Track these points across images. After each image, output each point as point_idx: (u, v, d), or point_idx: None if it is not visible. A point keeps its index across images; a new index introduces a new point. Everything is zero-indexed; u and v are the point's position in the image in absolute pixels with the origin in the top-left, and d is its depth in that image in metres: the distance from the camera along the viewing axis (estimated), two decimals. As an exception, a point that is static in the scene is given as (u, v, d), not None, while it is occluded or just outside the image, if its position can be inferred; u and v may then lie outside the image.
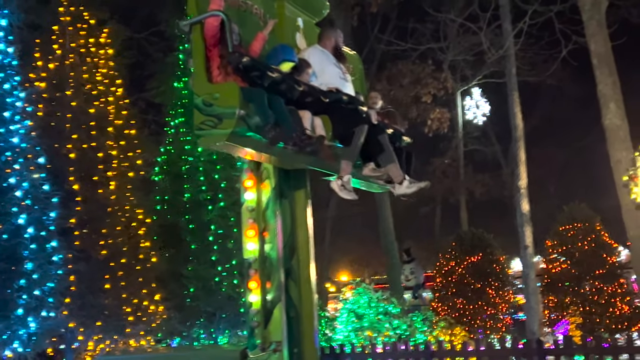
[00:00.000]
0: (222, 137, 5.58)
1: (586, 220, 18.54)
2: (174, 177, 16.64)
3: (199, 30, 5.82)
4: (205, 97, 5.63)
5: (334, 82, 6.60)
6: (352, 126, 6.33)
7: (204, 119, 5.61)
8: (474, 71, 28.54)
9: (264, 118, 5.58)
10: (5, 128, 10.77)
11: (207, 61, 5.80)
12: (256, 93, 5.65)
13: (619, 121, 16.25)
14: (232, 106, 5.50)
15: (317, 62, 6.58)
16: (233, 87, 5.59)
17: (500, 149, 32.55)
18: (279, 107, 5.74)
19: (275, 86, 5.89)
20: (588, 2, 16.61)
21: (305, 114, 6.23)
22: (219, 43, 5.77)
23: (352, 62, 7.89)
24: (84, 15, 14.87)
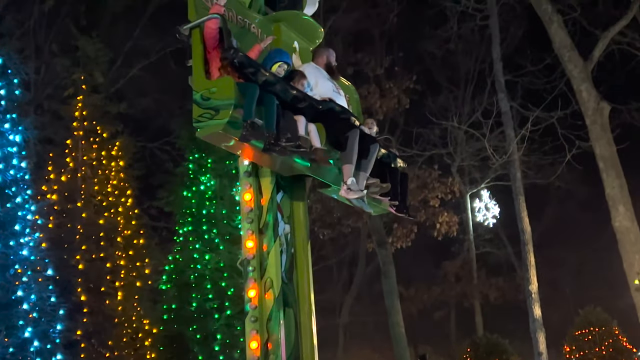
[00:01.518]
0: (219, 127, 5.78)
1: (602, 325, 18.20)
2: (182, 286, 16.57)
3: (198, 34, 6.16)
4: (203, 92, 5.91)
5: (328, 94, 6.85)
6: (346, 132, 6.53)
7: (202, 112, 5.87)
8: (482, 174, 28.82)
9: (246, 113, 5.78)
10: (16, 241, 10.86)
11: (206, 63, 6.12)
12: (250, 87, 5.90)
13: (629, 223, 16.24)
14: (228, 98, 5.76)
15: (312, 76, 6.83)
16: (229, 81, 5.85)
17: (512, 251, 32.32)
18: (269, 105, 5.96)
19: (269, 86, 6.13)
20: (590, 107, 16.96)
21: (300, 119, 6.40)
22: (219, 46, 6.09)
23: (348, 92, 8.02)
24: (96, 129, 15.32)
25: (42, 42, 22.77)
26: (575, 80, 17.22)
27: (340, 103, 6.96)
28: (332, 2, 22.63)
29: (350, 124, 6.73)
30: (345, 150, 6.52)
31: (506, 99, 19.67)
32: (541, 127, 21.12)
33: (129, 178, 15.63)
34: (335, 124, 6.68)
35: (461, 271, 31.12)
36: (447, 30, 24.75)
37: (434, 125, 25.14)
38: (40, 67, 21.93)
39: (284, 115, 6.19)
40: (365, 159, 6.70)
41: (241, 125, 5.83)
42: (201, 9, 6.30)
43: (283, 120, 6.14)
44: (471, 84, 28.78)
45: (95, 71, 16.17)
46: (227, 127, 5.80)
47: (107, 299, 13.80)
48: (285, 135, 6.04)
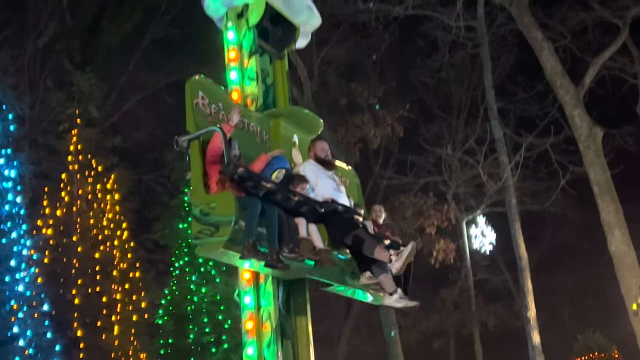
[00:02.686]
0: (219, 245, 5.70)
1: (602, 350, 18.19)
2: (178, 319, 16.44)
3: (197, 146, 6.10)
4: (202, 207, 5.82)
5: (329, 193, 6.75)
6: (350, 232, 6.46)
7: (202, 228, 5.77)
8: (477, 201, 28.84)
9: (247, 232, 5.71)
10: (11, 276, 10.84)
11: (205, 176, 6.04)
12: (251, 202, 5.82)
13: (625, 248, 16.22)
14: (228, 214, 5.66)
15: (312, 176, 6.75)
16: (229, 196, 5.78)
17: (510, 277, 32.19)
18: (271, 217, 5.89)
19: (271, 196, 6.05)
20: (584, 133, 17.04)
21: (301, 221, 6.34)
22: (220, 160, 5.99)
23: (348, 177, 8.09)
24: (91, 163, 15.35)
25: (37, 77, 22.85)
26: (567, 106, 17.32)
27: (342, 201, 6.84)
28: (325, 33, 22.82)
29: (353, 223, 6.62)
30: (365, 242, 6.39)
31: (499, 126, 19.79)
32: (535, 153, 21.22)
33: (124, 211, 15.65)
34: (339, 224, 6.57)
35: (459, 299, 30.93)
36: (438, 59, 24.95)
37: (428, 153, 25.26)
38: (35, 102, 21.97)
39: (285, 221, 6.07)
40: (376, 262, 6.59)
41: (242, 241, 5.73)
42: (200, 119, 6.21)
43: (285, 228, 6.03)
44: (464, 112, 28.93)
45: (90, 106, 16.26)
46: (228, 244, 5.72)
47: (104, 333, 13.72)
48: (287, 245, 5.96)
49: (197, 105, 6.27)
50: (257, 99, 7.52)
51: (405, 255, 6.38)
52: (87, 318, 13.64)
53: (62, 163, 15.31)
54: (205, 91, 6.39)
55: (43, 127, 21.49)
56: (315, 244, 6.39)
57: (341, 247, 6.60)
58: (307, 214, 6.41)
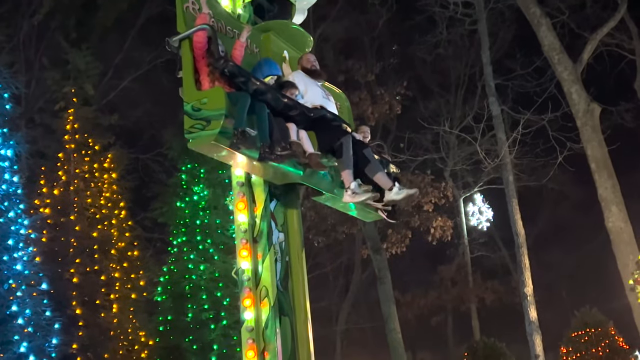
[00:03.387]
0: (210, 137, 5.79)
1: (599, 325, 18.26)
2: (177, 297, 16.53)
3: (188, 45, 6.18)
4: (194, 103, 5.92)
5: (318, 100, 6.88)
6: (338, 138, 6.57)
7: (194, 123, 5.88)
8: (475, 178, 28.88)
9: (237, 122, 5.81)
10: (9, 255, 10.82)
11: (196, 73, 6.14)
12: (241, 96, 5.94)
13: (622, 224, 16.29)
14: (219, 108, 5.77)
15: (301, 83, 6.86)
16: (219, 91, 5.86)
17: (507, 254, 32.36)
18: (261, 114, 6.00)
19: (260, 95, 6.16)
20: (581, 109, 17.03)
21: (291, 127, 6.44)
22: (207, 55, 6.11)
23: (339, 100, 8.09)
24: (88, 142, 15.31)
25: (32, 56, 22.75)
26: (565, 82, 17.29)
27: (331, 109, 7.01)
28: (322, 10, 22.69)
29: (342, 131, 6.77)
30: (342, 156, 6.55)
31: (497, 103, 19.73)
32: (532, 130, 21.19)
33: (121, 190, 15.63)
34: (327, 131, 6.72)
35: (457, 275, 31.13)
36: (436, 35, 24.84)
37: (425, 131, 25.23)
38: (31, 81, 21.89)
39: (276, 123, 6.21)
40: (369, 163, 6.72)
41: (232, 132, 5.85)
42: (190, 21, 6.33)
43: (276, 128, 6.16)
44: (462, 89, 28.91)
45: (86, 84, 16.17)
46: (219, 137, 5.82)
47: (102, 311, 13.76)
48: (279, 143, 6.07)
49: (187, 9, 6.37)
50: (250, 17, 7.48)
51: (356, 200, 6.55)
52: (85, 296, 13.67)
53: (59, 142, 15.25)
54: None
55: (39, 105, 21.43)
56: (305, 149, 6.49)
57: (329, 154, 6.69)
58: (297, 119, 6.51)
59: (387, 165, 7.55)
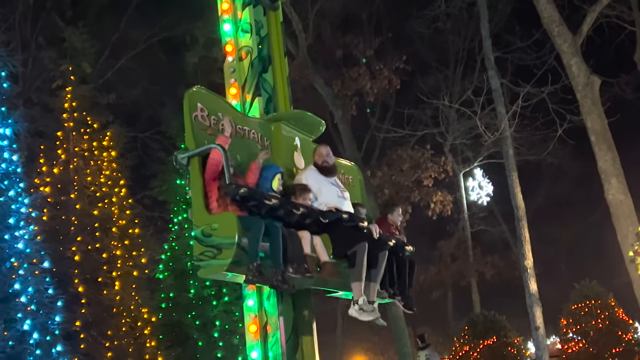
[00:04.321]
0: (222, 267, 5.61)
1: (598, 298, 18.35)
2: (179, 274, 16.59)
3: (197, 163, 5.90)
4: (204, 228, 5.67)
5: (332, 201, 6.56)
6: (353, 244, 6.24)
7: (204, 250, 5.65)
8: (474, 153, 28.87)
9: (251, 256, 5.60)
10: (10, 234, 10.83)
11: (205, 194, 5.86)
12: (254, 223, 5.66)
13: (622, 196, 16.29)
14: (230, 236, 5.53)
15: (315, 183, 6.57)
16: (231, 217, 5.62)
17: (507, 228, 32.45)
18: (274, 237, 5.74)
19: (273, 212, 5.91)
20: (581, 82, 16.95)
21: (305, 236, 6.20)
22: (218, 178, 5.84)
23: (351, 174, 7.97)
24: (87, 120, 15.26)
25: (28, 35, 22.62)
26: (564, 55, 17.20)
27: (346, 208, 6.67)
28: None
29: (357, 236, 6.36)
30: (354, 267, 6.22)
31: (496, 76, 19.63)
32: (532, 103, 21.13)
33: (121, 168, 15.61)
34: (342, 236, 6.38)
35: (457, 250, 31.24)
36: (434, 9, 24.65)
37: (425, 105, 25.16)
38: (28, 60, 21.79)
39: (289, 237, 5.94)
40: (374, 268, 6.49)
41: (245, 262, 5.62)
42: (199, 132, 6.04)
43: (289, 245, 5.89)
44: (461, 63, 28.81)
45: (83, 62, 16.08)
46: (231, 267, 5.62)
47: (105, 289, 13.82)
48: (292, 264, 5.85)
49: (195, 118, 6.07)
50: (252, 51, 7.45)
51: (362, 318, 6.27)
52: (87, 274, 13.72)
53: (57, 120, 15.21)
54: (204, 102, 6.20)
55: (37, 85, 21.35)
56: (320, 257, 6.30)
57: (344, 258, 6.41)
58: (311, 225, 6.26)
59: (402, 248, 7.26)
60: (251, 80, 7.38)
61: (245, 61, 7.45)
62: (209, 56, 18.85)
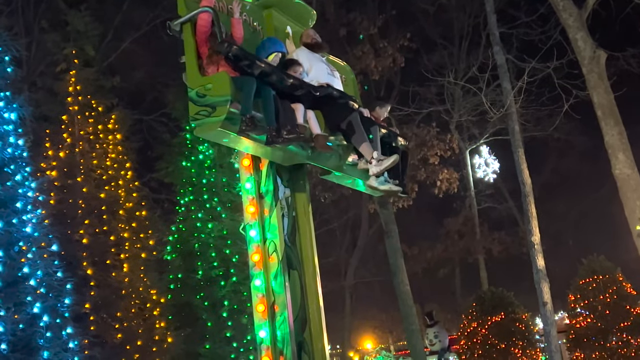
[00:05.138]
0: (216, 124, 5.79)
1: (606, 273, 18.37)
2: (187, 255, 16.71)
3: (190, 28, 6.12)
4: (198, 89, 5.90)
5: (323, 78, 6.85)
6: (345, 116, 6.54)
7: (199, 110, 5.87)
8: (480, 130, 28.78)
9: (244, 108, 5.78)
10: (18, 218, 10.86)
11: (199, 57, 6.08)
12: (247, 81, 5.86)
13: (629, 171, 16.20)
14: (224, 94, 5.74)
15: (305, 60, 6.83)
16: (224, 77, 5.81)
17: (514, 205, 32.44)
18: (267, 98, 5.95)
19: (265, 77, 6.09)
20: (587, 56, 16.80)
21: (298, 107, 6.40)
22: (210, 38, 6.05)
23: (344, 73, 8.12)
24: (91, 103, 15.26)
25: (31, 18, 22.57)
26: (570, 29, 17.03)
27: (337, 86, 6.92)
28: (322, -38, 22.34)
29: (349, 108, 6.68)
30: (355, 133, 6.50)
31: (501, 52, 19.47)
32: (538, 78, 20.98)
33: (127, 150, 15.63)
34: (334, 110, 6.65)
35: (464, 228, 31.29)
36: (438, -15, 24.46)
37: (430, 83, 25.04)
38: (31, 44, 21.77)
39: (282, 105, 6.12)
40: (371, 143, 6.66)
41: (239, 120, 5.79)
42: (191, 3, 6.20)
43: (282, 111, 6.07)
44: (466, 40, 28.64)
45: (86, 45, 16.04)
46: (225, 123, 5.78)
47: (113, 271, 13.89)
48: (285, 127, 5.99)
49: None
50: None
51: (385, 165, 6.54)
52: (96, 257, 13.78)
53: (62, 104, 15.20)
54: None
55: (41, 69, 21.34)
56: (312, 130, 6.47)
57: (337, 132, 6.68)
58: (303, 98, 6.46)
59: (395, 138, 7.48)
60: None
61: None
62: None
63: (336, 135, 6.74)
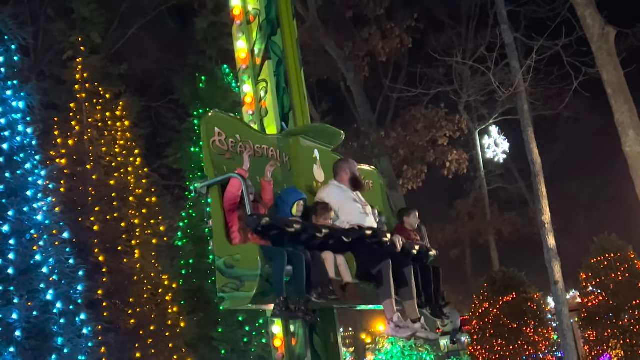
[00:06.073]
0: (246, 300, 5.52)
1: (618, 251, 18.33)
2: (197, 241, 16.77)
3: (217, 191, 5.78)
4: (226, 259, 5.59)
5: (355, 218, 6.38)
6: (377, 263, 6.02)
7: (227, 282, 5.56)
8: (490, 110, 28.64)
9: (276, 289, 5.47)
10: (29, 206, 10.91)
11: (226, 223, 5.76)
12: (277, 254, 5.54)
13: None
14: (253, 268, 5.45)
15: (336, 201, 6.38)
16: (253, 249, 5.52)
17: (524, 185, 32.33)
18: (298, 265, 5.60)
19: (296, 237, 5.82)
20: (596, 33, 16.62)
21: (328, 257, 6.05)
22: (238, 206, 5.73)
23: (371, 179, 7.84)
24: (99, 91, 15.27)
25: (37, 7, 22.57)
26: (578, 6, 16.85)
27: (369, 223, 6.46)
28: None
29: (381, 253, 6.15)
30: (382, 285, 5.99)
31: (509, 31, 19.30)
32: (546, 57, 20.78)
33: (135, 137, 15.66)
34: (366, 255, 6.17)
35: (474, 209, 31.24)
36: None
37: (438, 63, 24.88)
38: (38, 32, 21.78)
39: (313, 262, 5.78)
40: (405, 286, 6.20)
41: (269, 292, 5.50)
42: (217, 157, 5.91)
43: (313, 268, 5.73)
44: (473, 19, 28.41)
45: (93, 32, 16.04)
46: (255, 299, 5.51)
47: (125, 257, 13.95)
48: (317, 290, 5.70)
49: (213, 143, 5.94)
50: (260, 14, 7.38)
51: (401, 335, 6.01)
52: (107, 243, 13.85)
53: (70, 92, 15.22)
54: (221, 126, 6.05)
55: (48, 58, 21.36)
56: (343, 278, 6.10)
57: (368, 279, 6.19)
58: (334, 245, 6.10)
59: (427, 254, 7.17)
60: (260, 43, 7.34)
61: (254, 24, 7.39)
62: (218, 21, 18.74)
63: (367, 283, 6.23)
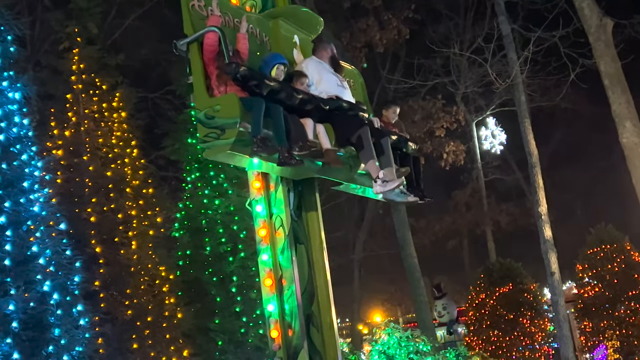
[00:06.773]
0: (226, 147, 5.75)
1: (614, 242, 18.41)
2: (194, 232, 16.79)
3: (196, 48, 6.04)
4: (207, 111, 5.83)
5: (332, 90, 6.69)
6: (355, 130, 6.40)
7: (208, 132, 5.81)
8: (487, 101, 28.64)
9: (254, 129, 5.70)
10: (26, 198, 10.89)
11: (207, 77, 6.00)
12: (256, 102, 5.79)
13: (637, 139, 16.08)
14: (233, 117, 5.68)
15: (314, 71, 6.69)
16: (233, 98, 5.75)
17: (521, 176, 32.38)
18: (277, 117, 5.86)
19: (274, 95, 6.02)
20: (593, 24, 16.61)
21: (308, 122, 6.30)
22: (217, 58, 5.96)
23: (352, 77, 7.98)
24: (96, 82, 15.22)
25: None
26: (576, -3, 16.86)
27: (347, 97, 6.75)
28: None
29: (359, 121, 6.53)
30: (363, 148, 6.35)
31: (507, 22, 19.31)
32: (543, 48, 20.78)
33: (132, 128, 15.61)
34: (344, 123, 6.50)
35: (471, 200, 31.32)
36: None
37: (435, 55, 24.86)
38: (35, 22, 21.67)
39: (292, 121, 6.00)
40: (383, 155, 6.52)
41: (249, 141, 5.70)
42: (198, 19, 6.10)
43: (292, 127, 5.96)
44: (471, 10, 28.37)
45: (89, 22, 15.95)
46: (234, 146, 5.71)
47: (122, 249, 13.94)
48: (297, 143, 5.91)
49: (193, 7, 6.18)
50: (256, 4, 7.36)
51: (389, 187, 6.36)
52: (104, 235, 13.84)
53: (66, 83, 15.17)
54: None
55: (45, 48, 21.26)
56: (322, 145, 6.36)
57: (347, 146, 6.55)
58: (312, 113, 6.35)
59: (406, 144, 7.34)
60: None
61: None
62: (216, 12, 18.63)
63: (347, 149, 6.59)
